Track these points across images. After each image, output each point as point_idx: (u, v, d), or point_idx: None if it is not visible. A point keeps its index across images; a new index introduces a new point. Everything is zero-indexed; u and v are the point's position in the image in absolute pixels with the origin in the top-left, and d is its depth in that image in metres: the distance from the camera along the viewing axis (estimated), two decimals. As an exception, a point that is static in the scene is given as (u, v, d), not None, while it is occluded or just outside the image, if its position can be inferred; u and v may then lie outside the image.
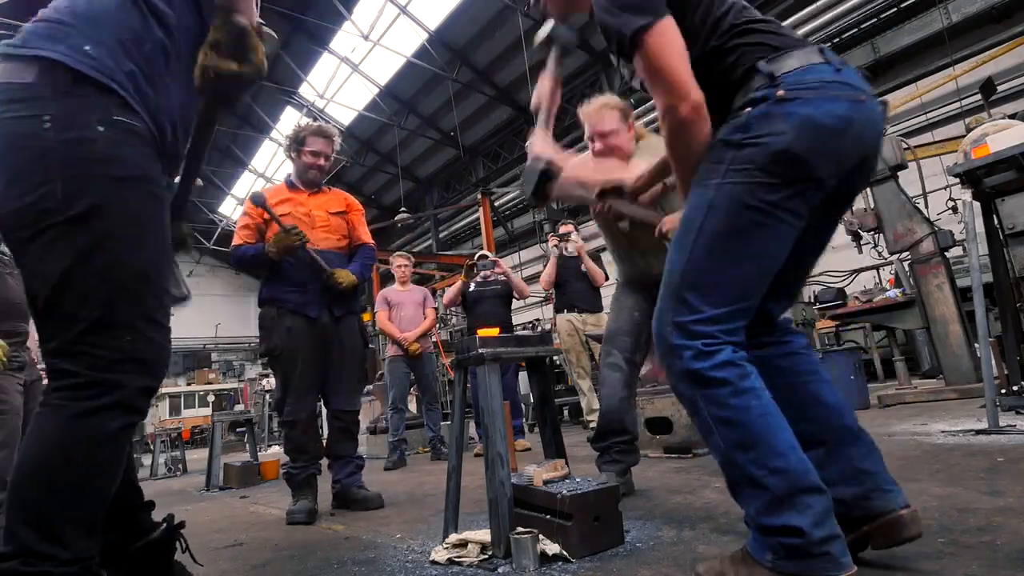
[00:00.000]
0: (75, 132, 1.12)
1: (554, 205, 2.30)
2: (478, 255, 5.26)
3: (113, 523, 1.38)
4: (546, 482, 1.72)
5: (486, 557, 1.63)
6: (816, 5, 10.36)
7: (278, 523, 2.72)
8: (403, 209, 15.46)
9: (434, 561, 1.68)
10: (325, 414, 3.06)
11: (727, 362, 1.16)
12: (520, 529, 1.58)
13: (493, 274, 5.14)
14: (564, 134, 14.66)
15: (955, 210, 4.47)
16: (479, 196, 12.58)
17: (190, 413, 19.51)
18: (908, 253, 4.78)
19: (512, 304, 5.33)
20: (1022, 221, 3.51)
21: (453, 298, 5.32)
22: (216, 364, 24.66)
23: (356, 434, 3.02)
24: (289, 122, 18.07)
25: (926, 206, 4.82)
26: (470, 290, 5.20)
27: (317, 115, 17.07)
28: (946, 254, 4.65)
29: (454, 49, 14.30)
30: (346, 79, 15.62)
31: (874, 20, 10.34)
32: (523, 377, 6.75)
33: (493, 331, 1.88)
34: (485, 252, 5.62)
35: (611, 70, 12.83)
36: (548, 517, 1.63)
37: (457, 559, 1.65)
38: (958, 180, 3.80)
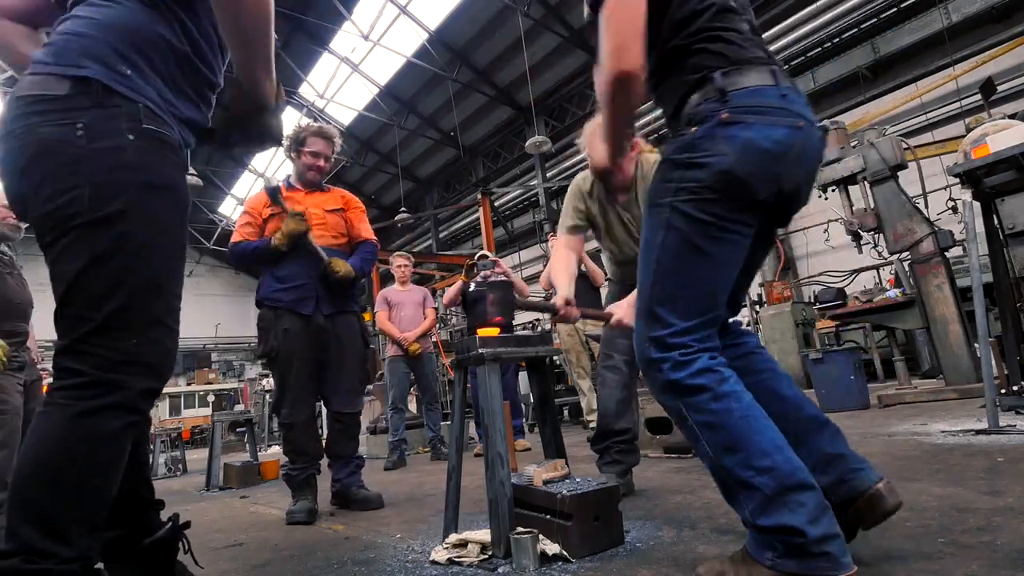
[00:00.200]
0: (107, 141, 1.16)
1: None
2: (478, 255, 5.26)
3: (124, 518, 1.40)
4: (546, 482, 1.72)
5: (486, 557, 1.63)
6: (816, 5, 10.37)
7: (278, 523, 2.72)
8: (403, 209, 15.45)
9: (434, 561, 1.68)
10: (325, 414, 3.05)
11: (705, 369, 1.22)
12: (520, 529, 1.58)
13: (493, 274, 5.14)
14: (565, 133, 14.69)
15: (955, 210, 4.47)
16: (479, 196, 12.58)
17: (190, 413, 19.51)
18: (908, 253, 4.78)
19: (512, 304, 5.33)
20: (1022, 221, 3.51)
21: (453, 298, 5.32)
22: (216, 364, 24.65)
23: (356, 434, 3.00)
24: (289, 122, 18.04)
25: (926, 206, 4.82)
26: (470, 290, 5.20)
27: (317, 115, 17.07)
28: (946, 254, 4.64)
29: (454, 49, 14.30)
30: (346, 79, 15.62)
31: (874, 20, 10.35)
32: (523, 377, 6.75)
33: (493, 331, 1.88)
34: (485, 252, 5.63)
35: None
36: (548, 517, 1.63)
37: (457, 559, 1.65)
38: (958, 180, 3.80)
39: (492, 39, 13.89)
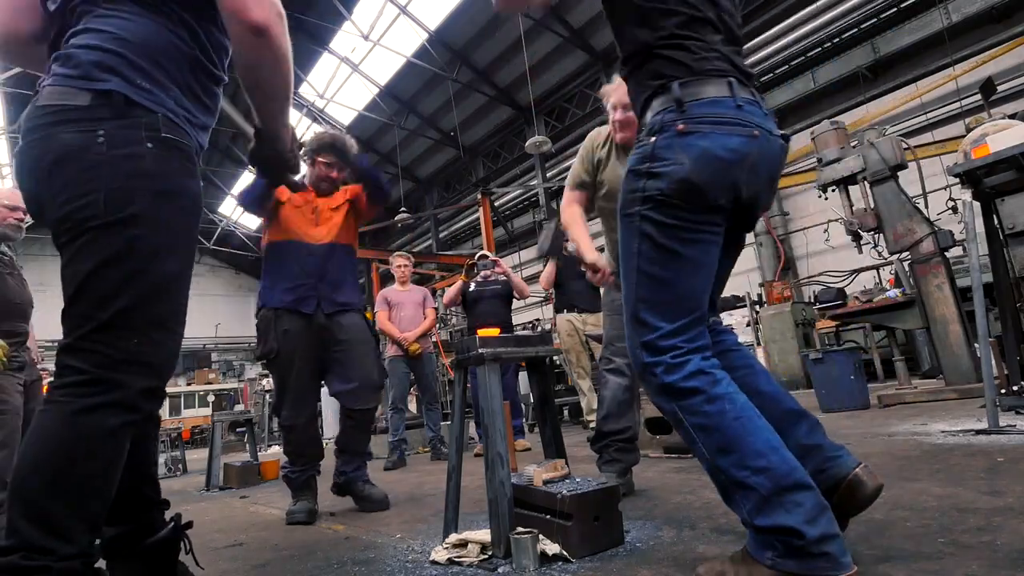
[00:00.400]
0: (126, 148, 1.20)
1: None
2: (478, 255, 5.26)
3: (127, 515, 1.41)
4: (546, 482, 1.72)
5: (486, 557, 1.63)
6: (816, 5, 10.37)
7: (278, 523, 2.72)
8: (403, 209, 15.47)
9: (434, 561, 1.68)
10: (325, 412, 3.02)
11: (697, 371, 1.25)
12: (520, 529, 1.58)
13: (493, 274, 5.14)
14: (565, 133, 14.70)
15: (955, 210, 4.47)
16: (479, 196, 12.59)
17: (190, 413, 19.50)
18: (908, 253, 4.78)
19: (512, 304, 5.33)
20: (1022, 221, 3.51)
21: (453, 298, 5.32)
22: (216, 364, 24.65)
23: (369, 430, 2.94)
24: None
25: (926, 206, 4.82)
26: (470, 290, 5.20)
27: (317, 115, 17.07)
28: (946, 254, 4.64)
29: (454, 49, 14.30)
30: (346, 79, 15.63)
31: (874, 20, 10.35)
32: (523, 377, 6.75)
33: (493, 331, 1.88)
34: (485, 252, 5.63)
35: (610, 69, 12.83)
36: (548, 517, 1.63)
37: (457, 559, 1.65)
38: (958, 180, 3.80)
39: (492, 39, 13.90)
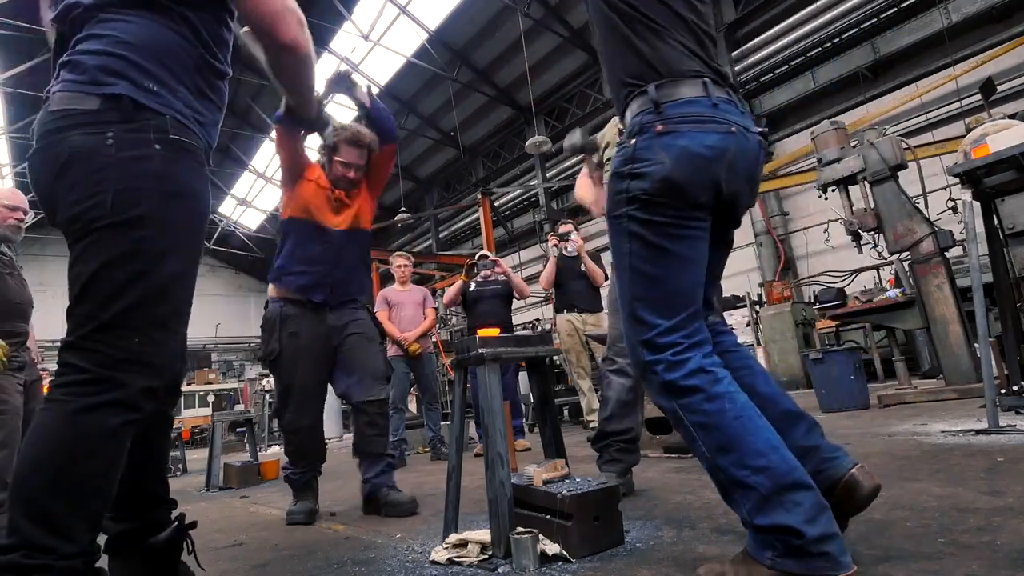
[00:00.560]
0: (135, 150, 1.21)
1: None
2: (478, 255, 5.26)
3: (133, 512, 1.42)
4: (546, 482, 1.72)
5: (486, 557, 1.63)
6: (816, 5, 10.38)
7: (278, 523, 2.72)
8: (403, 209, 15.46)
9: (434, 561, 1.68)
10: (325, 413, 2.95)
11: (698, 369, 1.25)
12: (520, 529, 1.57)
13: (493, 274, 5.14)
14: (565, 133, 14.66)
15: (955, 210, 4.47)
16: (479, 196, 12.59)
17: (190, 413, 19.47)
18: (908, 253, 4.78)
19: (512, 304, 5.33)
20: (1022, 221, 3.51)
21: (453, 298, 5.32)
22: (216, 364, 24.63)
23: (385, 427, 2.77)
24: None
25: (926, 206, 4.82)
26: (470, 290, 5.20)
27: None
28: (946, 254, 4.64)
29: (454, 49, 14.30)
30: (346, 79, 15.60)
31: (874, 20, 10.35)
32: (523, 377, 6.75)
33: (493, 331, 1.88)
34: (485, 252, 5.63)
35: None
36: (548, 517, 1.63)
37: (457, 559, 1.65)
38: (958, 180, 3.80)
39: (492, 39, 13.90)
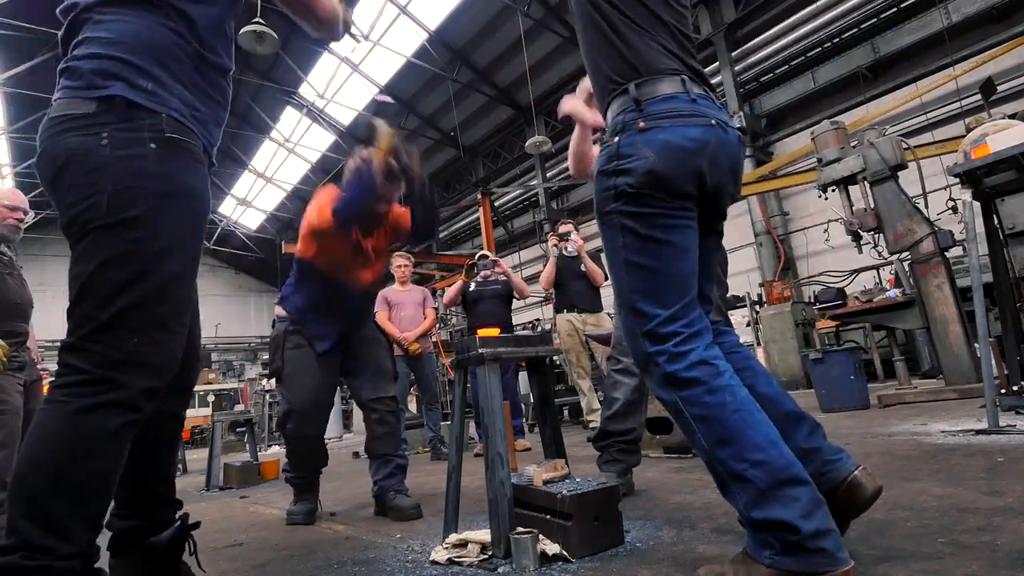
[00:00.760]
0: (130, 150, 1.21)
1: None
2: (478, 255, 5.27)
3: (139, 511, 1.42)
4: (546, 482, 1.72)
5: (486, 557, 1.63)
6: (816, 5, 10.38)
7: (278, 523, 2.72)
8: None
9: (434, 561, 1.68)
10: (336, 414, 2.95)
11: (700, 362, 1.26)
12: (520, 529, 1.58)
13: (493, 274, 5.14)
14: (565, 133, 14.66)
15: (955, 210, 4.46)
16: (479, 196, 12.60)
17: (190, 413, 19.26)
18: (908, 253, 4.77)
19: (512, 304, 5.33)
20: (1022, 221, 3.51)
21: (453, 298, 5.32)
22: (216, 364, 24.61)
23: (395, 425, 2.76)
24: (289, 122, 18.07)
25: (926, 206, 4.82)
26: (470, 290, 5.20)
27: (317, 115, 17.07)
28: (946, 254, 4.64)
29: (454, 49, 14.30)
30: (346, 79, 15.61)
31: (874, 20, 10.35)
32: (523, 377, 6.75)
33: (493, 331, 1.88)
34: (485, 252, 5.63)
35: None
36: (548, 517, 1.63)
37: (457, 559, 1.65)
38: (958, 180, 3.80)
39: (492, 39, 13.89)
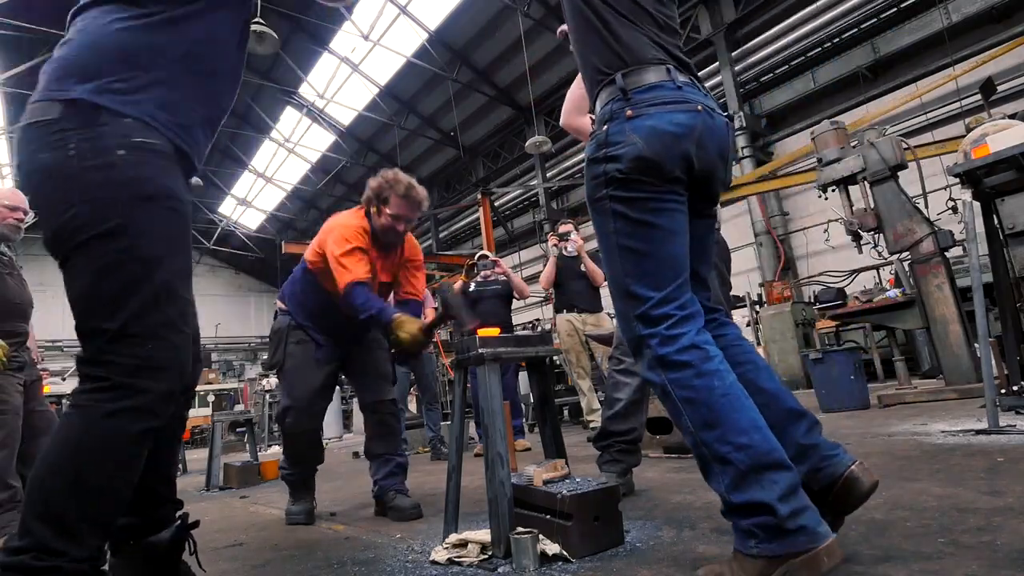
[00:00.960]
0: (98, 159, 1.19)
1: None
2: (478, 255, 5.27)
3: (139, 510, 1.41)
4: (546, 482, 1.72)
5: (486, 557, 1.63)
6: (816, 5, 10.38)
7: (278, 523, 2.72)
8: (403, 209, 15.43)
9: (434, 561, 1.68)
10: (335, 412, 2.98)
11: (691, 346, 1.28)
12: (520, 529, 1.58)
13: (493, 274, 5.14)
14: (565, 133, 14.67)
15: (955, 210, 4.47)
16: (479, 196, 12.59)
17: (190, 413, 19.40)
18: (908, 253, 4.77)
19: (512, 304, 5.33)
20: (1022, 221, 3.50)
21: (453, 298, 5.32)
22: (216, 364, 24.61)
23: (395, 427, 2.77)
24: (289, 122, 18.08)
25: (926, 206, 4.82)
26: (470, 290, 5.20)
27: (317, 115, 17.06)
28: (946, 254, 4.64)
29: (454, 49, 14.30)
30: (346, 79, 15.62)
31: (874, 20, 10.35)
32: (523, 377, 6.75)
33: (493, 331, 1.88)
34: (485, 252, 5.63)
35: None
36: (548, 517, 1.63)
37: (457, 559, 1.65)
38: (958, 180, 3.79)
39: (492, 39, 13.89)
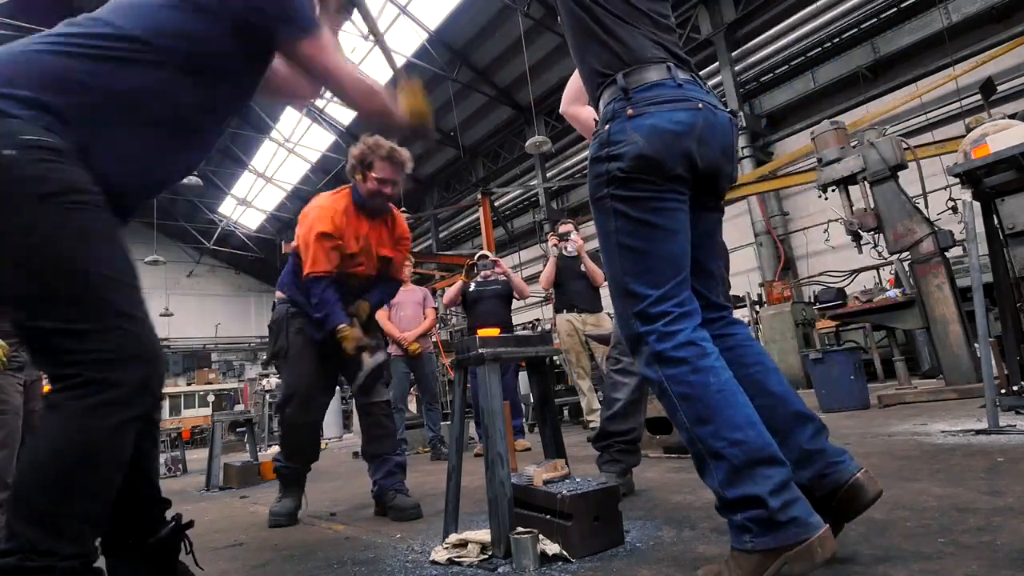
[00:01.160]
0: None
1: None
2: (478, 255, 5.27)
3: (126, 514, 1.40)
4: (546, 482, 1.72)
5: (486, 557, 1.63)
6: (816, 5, 10.38)
7: (278, 523, 2.72)
8: (403, 209, 15.35)
9: (434, 561, 1.68)
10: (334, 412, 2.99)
11: (688, 342, 1.29)
12: (520, 529, 1.58)
13: (493, 274, 5.14)
14: (565, 133, 14.69)
15: (955, 210, 4.47)
16: (479, 196, 12.59)
17: (190, 413, 19.49)
18: (908, 253, 4.78)
19: (512, 304, 5.33)
20: (1022, 221, 3.51)
21: (453, 298, 5.32)
22: (216, 364, 24.65)
23: (391, 428, 2.78)
24: (289, 122, 18.07)
25: (926, 206, 4.82)
26: (470, 290, 5.20)
27: (317, 115, 17.06)
28: (946, 254, 4.64)
29: (454, 49, 14.31)
30: (346, 79, 15.61)
31: (874, 20, 10.35)
32: (523, 377, 6.75)
33: (493, 331, 1.88)
34: (485, 252, 5.63)
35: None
36: (548, 517, 1.63)
37: (457, 559, 1.65)
38: (958, 180, 3.80)
39: (492, 39, 13.90)
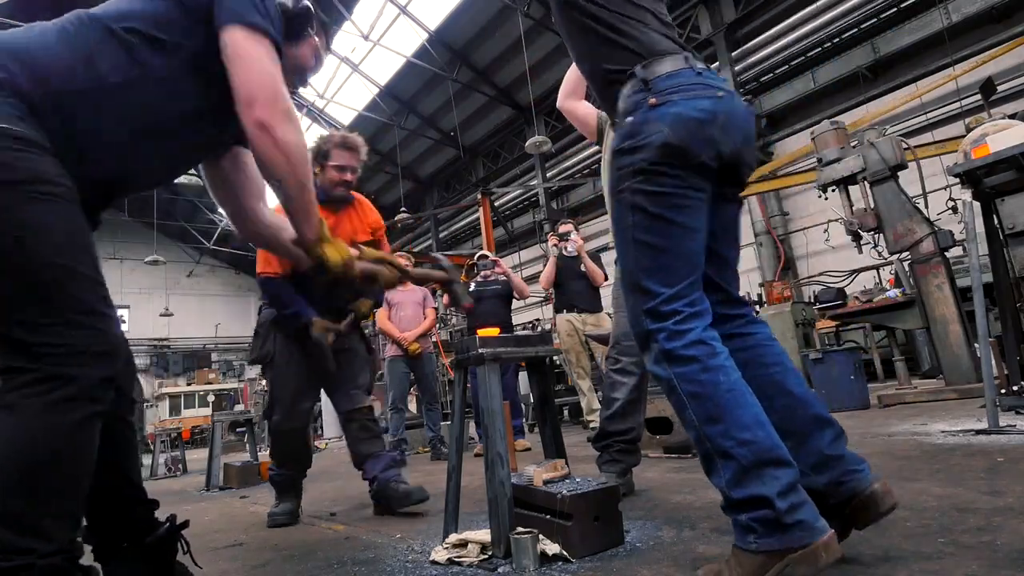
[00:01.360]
0: None
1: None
2: (478, 255, 5.27)
3: (114, 518, 1.40)
4: (546, 482, 1.72)
5: (486, 557, 1.63)
6: (816, 5, 10.37)
7: (278, 523, 2.72)
8: (403, 209, 15.45)
9: (434, 561, 1.68)
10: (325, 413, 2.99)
11: (698, 341, 1.28)
12: (520, 529, 1.58)
13: (493, 274, 5.14)
14: (565, 133, 14.69)
15: (955, 210, 4.47)
16: (479, 196, 12.59)
17: (190, 413, 19.49)
18: (908, 253, 4.78)
19: (512, 304, 5.33)
20: (1022, 221, 3.51)
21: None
22: (216, 364, 24.66)
23: (377, 430, 2.81)
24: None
25: (926, 206, 4.82)
26: (470, 290, 5.20)
27: (317, 115, 17.06)
28: (946, 254, 4.64)
29: (454, 49, 14.30)
30: (346, 79, 15.64)
31: (874, 20, 10.34)
32: (523, 377, 6.75)
33: (493, 331, 1.88)
34: (485, 252, 5.63)
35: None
36: (548, 517, 1.63)
37: (457, 559, 1.65)
38: (958, 180, 3.80)
39: (492, 39, 13.90)
